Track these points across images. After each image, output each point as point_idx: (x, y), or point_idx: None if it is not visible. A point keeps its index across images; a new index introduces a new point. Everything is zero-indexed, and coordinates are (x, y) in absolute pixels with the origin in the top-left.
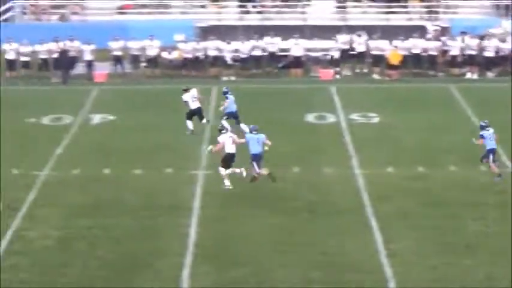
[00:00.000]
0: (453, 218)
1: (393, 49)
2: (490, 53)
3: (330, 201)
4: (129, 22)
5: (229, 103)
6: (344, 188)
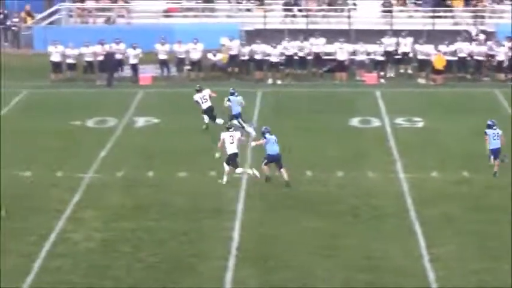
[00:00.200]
0: (496, 223)
1: (438, 54)
2: None
3: (374, 205)
4: (175, 25)
5: (233, 104)
6: (388, 192)
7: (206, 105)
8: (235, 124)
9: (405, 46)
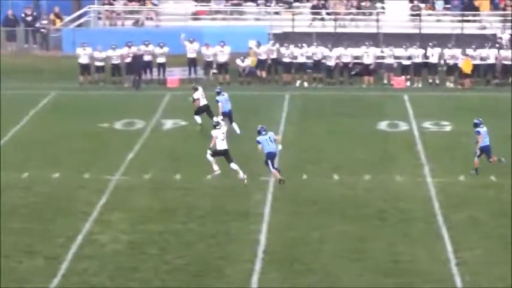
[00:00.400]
0: None
1: (465, 58)
2: None
3: (401, 209)
4: (203, 28)
5: (223, 102)
6: (415, 196)
7: (203, 102)
8: (222, 122)
9: (432, 56)
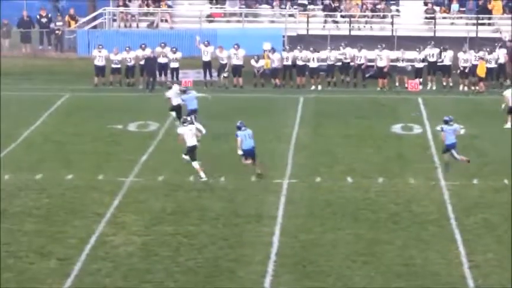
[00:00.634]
0: None
1: (479, 61)
2: None
3: (414, 212)
4: (218, 30)
5: (189, 100)
6: (428, 199)
7: (177, 101)
8: (189, 119)
9: (445, 58)
